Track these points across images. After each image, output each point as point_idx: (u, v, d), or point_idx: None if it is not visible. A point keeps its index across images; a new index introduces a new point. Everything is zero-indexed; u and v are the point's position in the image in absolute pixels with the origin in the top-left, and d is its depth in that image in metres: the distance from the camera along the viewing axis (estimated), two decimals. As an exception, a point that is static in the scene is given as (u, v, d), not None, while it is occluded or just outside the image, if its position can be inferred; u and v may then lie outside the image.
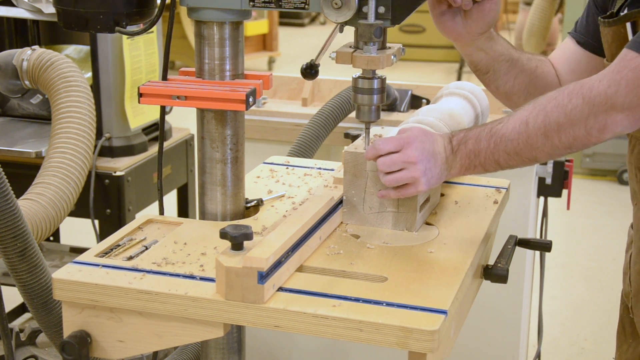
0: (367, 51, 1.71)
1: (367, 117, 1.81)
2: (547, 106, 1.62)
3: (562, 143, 1.62)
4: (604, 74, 1.59)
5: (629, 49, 1.59)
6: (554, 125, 1.60)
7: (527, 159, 1.66)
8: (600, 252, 4.89)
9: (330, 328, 1.46)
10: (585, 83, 1.60)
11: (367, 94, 1.79)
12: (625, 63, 1.58)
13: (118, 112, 2.93)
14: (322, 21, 12.94)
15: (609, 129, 1.59)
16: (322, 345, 2.88)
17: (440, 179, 1.72)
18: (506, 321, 2.84)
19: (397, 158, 1.70)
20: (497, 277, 1.78)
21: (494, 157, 1.67)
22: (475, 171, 1.71)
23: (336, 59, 1.75)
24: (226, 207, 1.85)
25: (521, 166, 1.69)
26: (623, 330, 2.02)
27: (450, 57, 9.73)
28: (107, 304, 1.57)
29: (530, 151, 1.64)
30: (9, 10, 2.89)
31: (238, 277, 1.49)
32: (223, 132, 1.80)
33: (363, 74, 1.78)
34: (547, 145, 1.62)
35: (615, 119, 1.57)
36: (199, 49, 1.78)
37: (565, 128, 1.60)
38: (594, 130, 1.59)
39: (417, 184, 1.70)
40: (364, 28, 1.67)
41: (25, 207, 2.35)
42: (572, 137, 1.60)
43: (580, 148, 1.63)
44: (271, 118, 2.98)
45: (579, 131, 1.59)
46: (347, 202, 1.83)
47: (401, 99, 2.97)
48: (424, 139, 1.71)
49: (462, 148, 1.70)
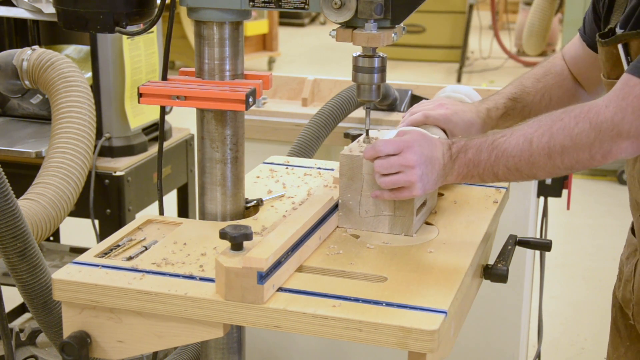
0: (367, 29, 1.70)
1: (368, 96, 1.81)
2: (552, 127, 1.63)
3: (564, 164, 1.63)
4: (610, 100, 1.60)
5: (631, 75, 1.60)
6: (558, 148, 1.61)
7: (526, 176, 1.67)
8: (600, 252, 4.89)
9: (330, 328, 1.46)
10: (592, 107, 1.61)
11: (368, 73, 1.78)
12: (629, 90, 1.58)
13: (118, 112, 2.93)
14: (322, 21, 12.94)
15: (613, 155, 1.60)
16: (322, 345, 2.88)
17: (436, 184, 1.73)
18: (506, 321, 2.84)
19: (395, 161, 1.70)
20: (497, 276, 1.78)
21: (493, 170, 1.67)
22: (472, 181, 1.72)
23: (336, 37, 1.73)
24: (226, 207, 1.85)
25: (518, 181, 1.71)
26: (618, 334, 2.01)
27: (450, 57, 9.73)
28: (107, 304, 1.57)
29: (531, 169, 1.65)
30: (9, 10, 2.89)
31: (238, 278, 1.49)
32: (223, 132, 1.80)
33: (363, 52, 1.78)
34: (548, 165, 1.64)
35: (620, 146, 1.59)
36: (198, 49, 1.78)
37: (569, 151, 1.61)
38: (598, 155, 1.60)
39: (413, 188, 1.70)
40: (364, 5, 1.66)
41: (25, 207, 2.36)
42: (575, 160, 1.62)
43: (580, 170, 1.65)
44: (271, 118, 2.98)
45: (583, 155, 1.61)
46: (343, 206, 1.82)
47: (401, 99, 2.97)
48: (423, 144, 1.71)
49: (461, 156, 1.70)
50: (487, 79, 8.98)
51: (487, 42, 9.85)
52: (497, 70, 9.47)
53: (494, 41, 9.79)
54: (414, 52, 9.76)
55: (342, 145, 2.62)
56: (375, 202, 1.79)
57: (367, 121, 1.86)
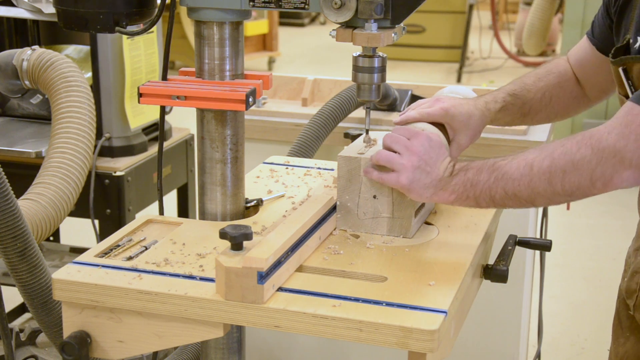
0: (367, 28, 1.70)
1: (368, 95, 1.81)
2: (554, 152, 1.61)
3: (565, 191, 1.60)
4: (613, 127, 1.59)
5: (635, 104, 1.59)
6: (559, 172, 1.59)
7: (524, 202, 1.64)
8: (600, 252, 4.89)
9: (330, 328, 1.46)
10: (594, 134, 1.60)
11: (368, 73, 1.79)
12: (633, 118, 1.57)
13: (118, 112, 2.93)
14: (322, 21, 12.94)
15: (614, 184, 1.58)
16: (322, 345, 2.88)
17: (425, 190, 1.69)
18: (506, 321, 2.84)
19: (402, 140, 1.72)
20: (497, 276, 1.78)
21: (490, 193, 1.65)
22: (467, 202, 1.68)
23: (336, 37, 1.73)
24: (226, 207, 1.85)
25: (514, 207, 1.67)
26: (620, 324, 2.02)
27: (450, 57, 9.73)
28: (107, 304, 1.57)
29: (530, 194, 1.62)
30: (9, 10, 2.89)
31: (238, 277, 1.49)
32: (223, 132, 1.80)
33: (363, 52, 1.78)
34: (548, 191, 1.61)
35: (622, 175, 1.57)
36: (198, 49, 1.78)
37: (570, 177, 1.59)
38: (599, 183, 1.58)
39: (400, 175, 1.69)
40: (364, 5, 1.66)
41: (25, 207, 2.36)
42: (576, 186, 1.59)
43: (579, 198, 1.61)
44: (271, 118, 2.99)
45: (584, 181, 1.58)
46: (341, 207, 1.82)
47: (401, 99, 2.97)
48: (435, 146, 1.72)
49: (461, 174, 1.68)
50: (487, 79, 8.98)
51: (487, 42, 9.85)
52: (497, 71, 9.47)
53: (494, 41, 9.79)
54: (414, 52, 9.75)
55: (342, 145, 2.62)
56: (374, 204, 1.78)
57: (367, 121, 1.86)
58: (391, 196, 1.77)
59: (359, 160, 1.78)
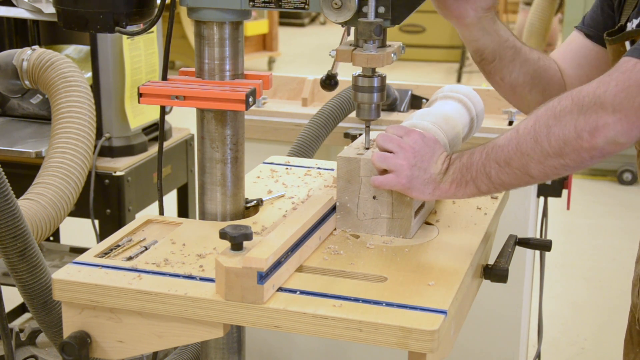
0: (367, 49, 1.71)
1: (367, 115, 1.81)
2: (538, 111, 1.60)
3: (553, 148, 1.57)
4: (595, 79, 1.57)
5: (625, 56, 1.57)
6: (543, 128, 1.57)
7: (517, 172, 1.61)
8: (600, 252, 4.88)
9: (330, 328, 1.46)
10: (575, 88, 1.59)
11: (367, 92, 1.79)
12: (617, 67, 1.56)
13: (118, 112, 2.93)
14: (322, 21, 12.94)
15: (601, 132, 1.53)
16: (322, 345, 2.88)
17: (425, 185, 1.69)
18: (506, 321, 2.84)
19: (395, 138, 1.72)
20: (497, 276, 1.78)
21: (485, 170, 1.63)
22: (467, 190, 1.67)
23: (336, 57, 1.74)
24: (226, 207, 1.85)
25: (514, 183, 1.64)
26: (631, 339, 2.01)
27: (450, 57, 9.73)
28: (107, 304, 1.57)
29: (520, 159, 1.60)
30: (9, 10, 2.89)
31: (238, 278, 1.49)
32: (223, 132, 1.80)
33: (363, 72, 1.78)
34: (537, 152, 1.58)
35: (606, 121, 1.53)
36: (198, 49, 1.78)
37: (554, 129, 1.56)
38: (585, 133, 1.54)
39: (399, 175, 1.69)
40: (364, 26, 1.67)
41: (25, 207, 2.36)
42: (563, 140, 1.56)
43: (573, 157, 1.57)
44: (271, 118, 2.99)
45: (569, 132, 1.55)
46: (341, 208, 1.81)
47: (401, 99, 2.97)
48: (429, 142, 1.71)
49: (456, 162, 1.67)
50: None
51: (487, 42, 9.85)
52: (497, 71, 9.46)
53: (494, 41, 9.78)
54: (414, 52, 9.75)
55: (342, 145, 2.62)
56: (373, 205, 1.78)
57: (366, 139, 1.84)
58: (391, 197, 1.76)
59: (358, 161, 1.78)
